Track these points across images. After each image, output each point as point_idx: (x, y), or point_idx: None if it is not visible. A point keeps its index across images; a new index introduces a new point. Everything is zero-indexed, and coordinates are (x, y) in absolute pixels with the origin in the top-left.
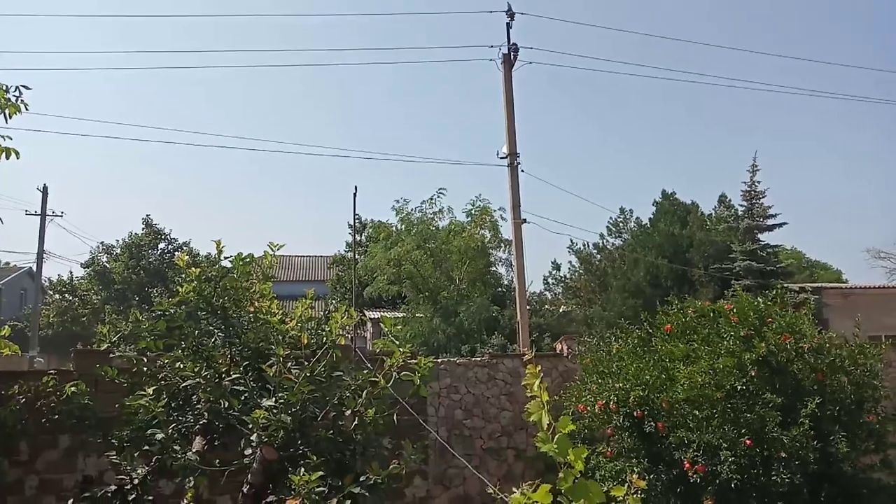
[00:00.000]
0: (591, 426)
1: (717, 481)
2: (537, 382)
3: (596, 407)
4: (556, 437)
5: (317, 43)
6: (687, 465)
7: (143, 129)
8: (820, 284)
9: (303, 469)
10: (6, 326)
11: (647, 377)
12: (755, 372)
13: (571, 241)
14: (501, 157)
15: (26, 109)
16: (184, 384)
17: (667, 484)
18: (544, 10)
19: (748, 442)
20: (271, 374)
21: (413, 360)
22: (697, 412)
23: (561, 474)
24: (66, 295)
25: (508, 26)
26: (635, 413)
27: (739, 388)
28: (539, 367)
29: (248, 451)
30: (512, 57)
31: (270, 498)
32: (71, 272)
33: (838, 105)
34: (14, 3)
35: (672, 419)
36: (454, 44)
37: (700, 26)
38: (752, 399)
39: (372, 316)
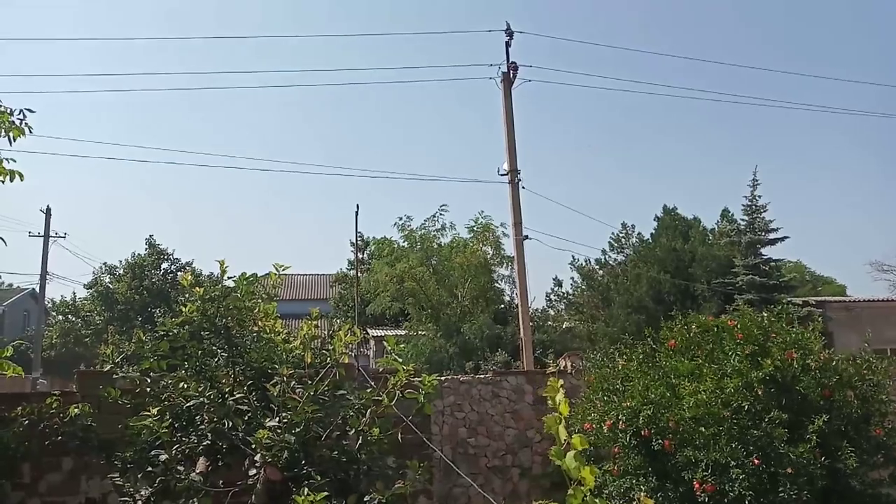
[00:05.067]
0: (597, 444)
1: (726, 500)
2: (559, 395)
3: (605, 427)
4: (571, 453)
5: (317, 63)
6: (697, 485)
7: (145, 150)
8: (823, 298)
9: (307, 489)
10: (9, 347)
11: (653, 395)
12: (762, 389)
13: (573, 257)
14: (502, 174)
15: (30, 132)
16: (187, 404)
17: (674, 502)
18: (544, 28)
19: (756, 461)
20: (275, 394)
21: (417, 378)
22: (704, 429)
23: (570, 491)
24: (69, 316)
25: (507, 45)
26: (643, 432)
27: (746, 406)
28: (561, 382)
29: (252, 472)
30: (511, 75)
31: None
32: (74, 293)
33: (840, 119)
34: (19, 28)
35: (679, 437)
36: (455, 62)
37: (701, 43)
38: (759, 416)
39: (375, 334)
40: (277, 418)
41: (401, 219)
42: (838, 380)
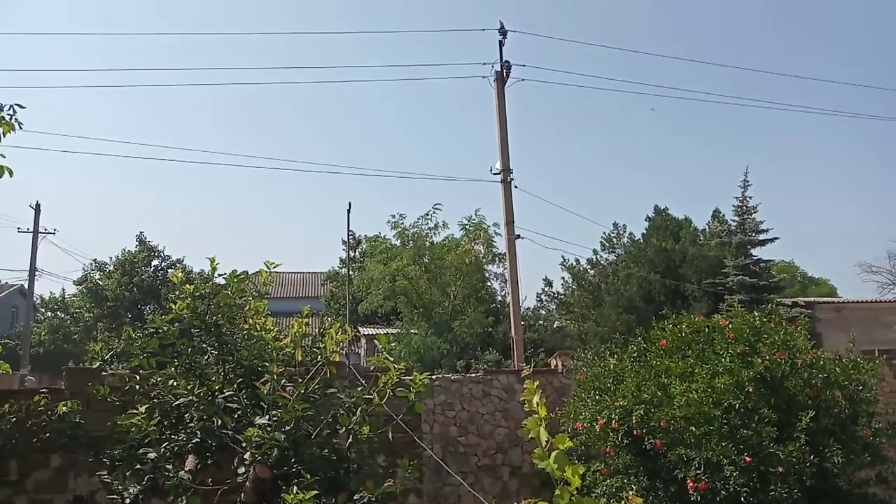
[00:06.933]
0: (588, 443)
1: (718, 499)
2: (536, 398)
3: (597, 426)
4: (554, 453)
5: (309, 60)
6: (690, 483)
7: (136, 147)
8: (812, 299)
9: (296, 487)
10: None
11: (645, 394)
12: (752, 388)
13: (563, 257)
14: (495, 173)
15: (20, 128)
16: (176, 402)
17: (665, 501)
18: (537, 27)
19: (748, 459)
20: (265, 392)
21: (408, 377)
22: (695, 429)
23: (557, 491)
24: (58, 312)
25: (501, 44)
26: (635, 431)
27: (737, 405)
28: (537, 383)
29: (242, 470)
30: (504, 74)
31: None
32: (63, 289)
33: (830, 121)
34: (10, 23)
35: (670, 436)
36: (449, 61)
37: (693, 43)
38: (749, 415)
39: (366, 332)
40: (267, 416)
41: (394, 216)
42: (825, 378)
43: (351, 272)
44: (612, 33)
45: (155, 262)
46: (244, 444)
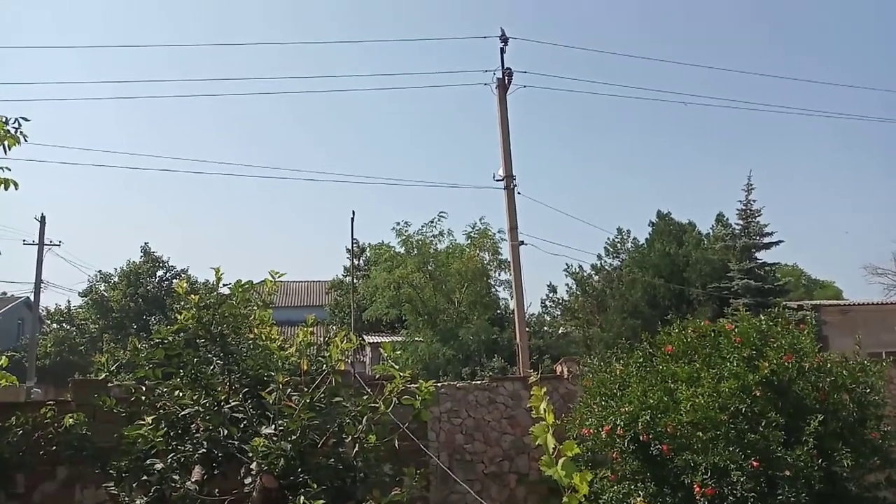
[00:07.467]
0: (595, 449)
1: None
2: (543, 404)
3: (603, 432)
4: (561, 460)
5: (308, 69)
6: (697, 489)
7: (140, 158)
8: (818, 301)
9: (303, 497)
10: (3, 357)
11: (652, 400)
12: (759, 392)
13: (567, 264)
14: (498, 180)
15: (25, 141)
16: (182, 413)
17: None
18: (537, 33)
19: (755, 463)
20: (271, 402)
21: (413, 385)
22: (702, 434)
23: (565, 499)
24: (64, 324)
25: (502, 51)
26: (641, 437)
27: (744, 409)
28: (544, 390)
29: (248, 480)
30: (506, 81)
31: None
32: (69, 301)
33: (832, 123)
34: (13, 35)
35: (676, 441)
36: (452, 68)
37: (696, 47)
38: (756, 420)
39: (371, 340)
40: (273, 426)
41: (398, 224)
42: (832, 381)
43: (355, 280)
44: (612, 38)
45: (160, 273)
46: (250, 454)
